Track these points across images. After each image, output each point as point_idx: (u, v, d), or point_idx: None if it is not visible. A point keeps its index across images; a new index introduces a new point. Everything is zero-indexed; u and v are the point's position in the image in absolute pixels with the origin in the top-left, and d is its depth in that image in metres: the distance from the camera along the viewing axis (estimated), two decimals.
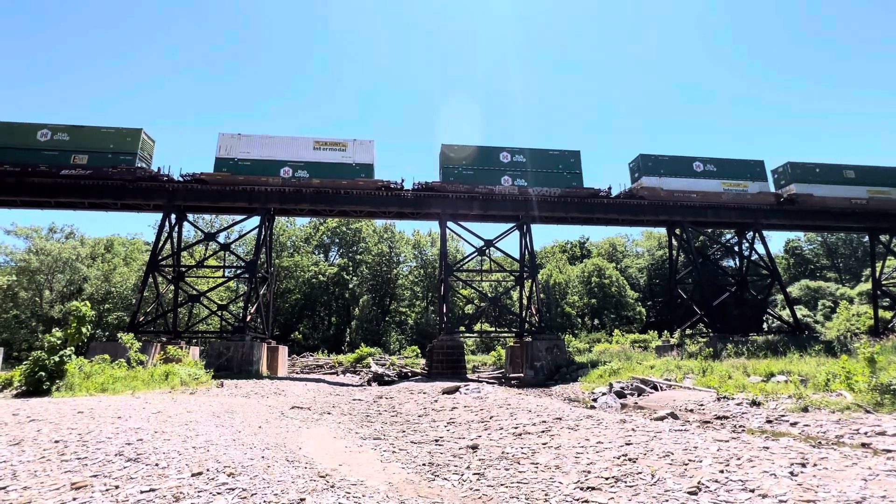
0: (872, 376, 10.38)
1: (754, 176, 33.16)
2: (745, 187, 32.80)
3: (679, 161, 33.16)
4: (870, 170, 35.16)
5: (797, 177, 33.68)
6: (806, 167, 34.20)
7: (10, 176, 27.26)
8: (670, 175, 32.34)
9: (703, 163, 33.05)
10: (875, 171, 35.20)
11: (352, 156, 29.77)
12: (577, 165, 31.72)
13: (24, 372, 12.88)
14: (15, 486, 4.48)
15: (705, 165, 32.87)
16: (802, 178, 33.66)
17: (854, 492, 4.51)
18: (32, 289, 41.77)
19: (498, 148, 31.68)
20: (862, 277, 53.44)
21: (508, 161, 31.26)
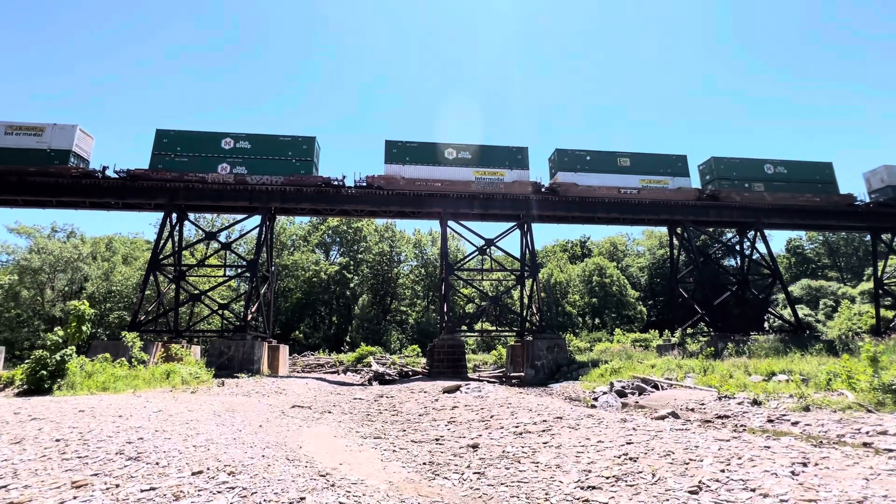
0: (874, 376, 10.35)
1: (515, 164, 30.87)
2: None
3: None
4: (644, 157, 32.53)
5: (563, 165, 31.29)
6: (575, 155, 31.66)
7: (11, 175, 27.30)
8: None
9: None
10: (649, 159, 32.61)
11: (48, 141, 27.83)
12: (308, 153, 29.85)
13: (26, 371, 12.92)
14: (16, 484, 4.49)
15: (458, 152, 30.86)
16: (570, 167, 31.21)
17: (855, 491, 4.49)
18: (34, 288, 41.85)
19: (220, 134, 29.73)
20: (864, 276, 53.30)
21: (230, 147, 29.45)
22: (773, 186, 32.92)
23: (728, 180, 32.73)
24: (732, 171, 33.10)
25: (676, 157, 32.86)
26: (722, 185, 32.49)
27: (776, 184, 33.02)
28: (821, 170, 34.14)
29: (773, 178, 33.22)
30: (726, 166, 33.16)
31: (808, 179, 33.57)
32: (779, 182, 33.11)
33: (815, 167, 34.21)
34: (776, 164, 33.60)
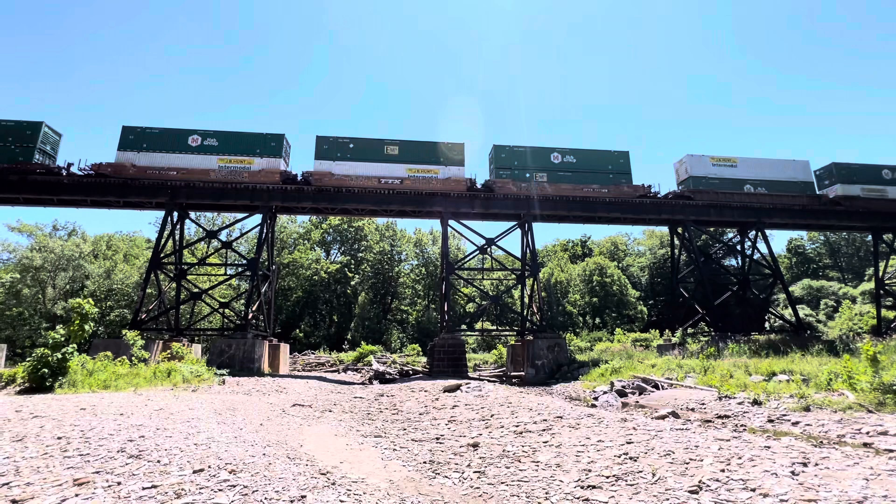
0: (875, 376, 10.34)
1: (267, 152, 29.12)
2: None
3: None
4: (414, 145, 30.44)
5: (322, 153, 29.64)
6: (337, 142, 29.88)
7: (13, 174, 27.34)
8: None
9: (203, 136, 29.21)
10: (419, 147, 30.47)
11: None
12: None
13: (28, 369, 12.95)
14: (18, 481, 4.50)
15: (204, 139, 29.04)
16: (329, 155, 29.63)
17: (855, 491, 4.49)
18: (35, 286, 41.94)
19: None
20: (865, 277, 53.26)
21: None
22: (556, 177, 30.83)
23: (508, 170, 30.65)
24: (514, 160, 30.88)
25: (451, 144, 30.52)
26: (501, 175, 30.48)
27: (561, 174, 30.91)
28: (614, 159, 31.83)
29: (560, 167, 31.13)
30: (507, 155, 31.00)
31: (598, 169, 31.35)
32: (564, 172, 30.99)
33: (608, 156, 31.95)
34: (565, 152, 31.46)
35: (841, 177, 33.35)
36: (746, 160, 33.29)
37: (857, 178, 33.48)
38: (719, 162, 32.83)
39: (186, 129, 29.42)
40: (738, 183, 32.45)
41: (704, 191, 31.98)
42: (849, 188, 33.10)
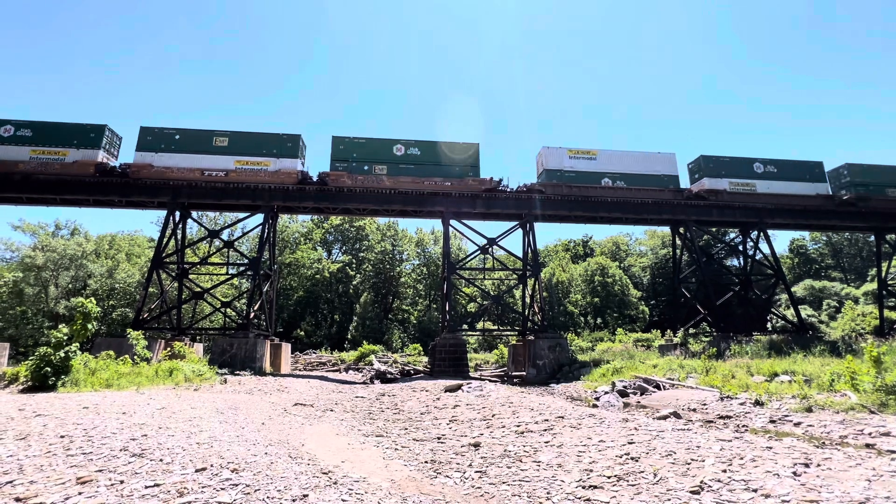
0: (878, 377, 10.32)
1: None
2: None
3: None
4: (245, 137, 29.65)
5: (145, 145, 28.82)
6: (162, 133, 29.04)
7: (16, 173, 27.44)
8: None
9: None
10: (250, 138, 29.64)
11: None
12: None
13: (30, 367, 12.99)
14: (21, 480, 4.52)
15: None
16: (152, 147, 28.75)
17: (858, 492, 4.49)
18: (38, 285, 42.05)
19: None
20: (868, 277, 53.10)
21: None
22: (397, 169, 30.09)
23: (346, 162, 29.99)
24: (353, 151, 30.25)
25: (285, 136, 29.82)
26: (337, 168, 29.74)
27: (403, 167, 30.10)
28: (462, 151, 30.94)
29: (402, 160, 30.24)
30: (346, 147, 30.36)
31: (444, 163, 30.50)
32: (407, 165, 30.19)
33: (457, 149, 31.03)
34: (409, 144, 30.69)
35: (708, 170, 32.24)
36: (608, 153, 32.13)
37: (725, 171, 32.38)
38: (577, 154, 31.63)
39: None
40: (595, 176, 31.15)
41: (557, 184, 30.57)
42: (716, 182, 31.93)
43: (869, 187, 32.89)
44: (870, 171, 33.76)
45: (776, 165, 32.99)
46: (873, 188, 32.90)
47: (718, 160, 32.87)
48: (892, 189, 33.08)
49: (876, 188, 32.94)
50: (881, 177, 33.60)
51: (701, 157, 32.99)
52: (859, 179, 33.22)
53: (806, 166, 33.44)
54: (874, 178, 33.40)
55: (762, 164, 32.83)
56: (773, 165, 32.93)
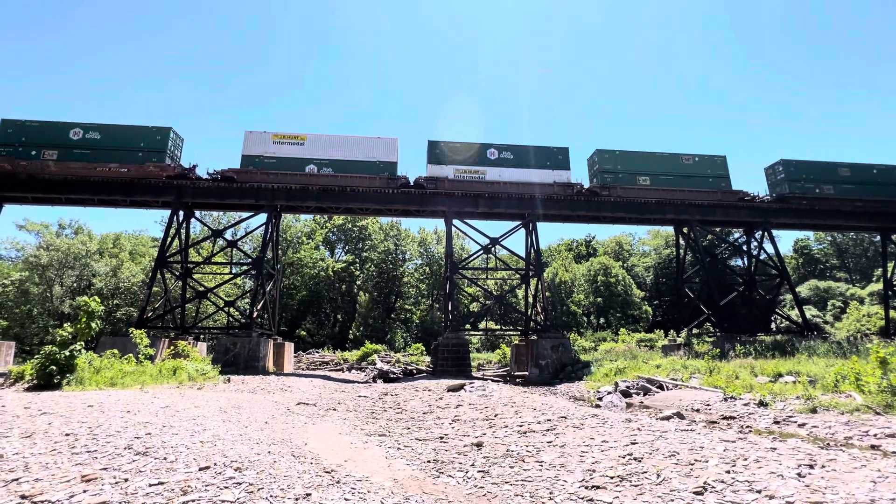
0: (883, 378, 10.25)
1: None
2: None
3: None
4: None
5: None
6: None
7: (22, 172, 27.62)
8: None
9: None
10: None
11: None
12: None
13: (36, 366, 13.07)
14: (27, 477, 4.55)
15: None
16: None
17: (863, 494, 4.46)
18: (43, 284, 42.34)
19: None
20: (873, 278, 52.77)
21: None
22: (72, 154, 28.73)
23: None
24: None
25: None
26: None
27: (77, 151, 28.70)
28: (151, 136, 29.38)
29: (77, 144, 28.85)
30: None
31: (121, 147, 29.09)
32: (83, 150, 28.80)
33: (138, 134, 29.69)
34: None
35: (433, 157, 30.89)
36: (320, 138, 30.45)
37: (453, 157, 30.84)
38: (283, 139, 30.06)
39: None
40: (301, 162, 29.64)
41: (252, 171, 29.15)
42: (440, 169, 30.40)
43: (617, 175, 31.47)
44: (621, 157, 32.16)
45: (513, 152, 31.46)
46: (622, 176, 31.50)
47: (445, 145, 31.23)
48: (643, 177, 31.56)
49: (626, 176, 31.56)
50: (632, 164, 32.00)
51: (429, 143, 31.20)
52: (608, 167, 31.66)
53: (548, 153, 31.67)
54: (625, 165, 31.88)
55: (497, 150, 31.37)
56: (510, 151, 31.42)
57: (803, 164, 33.62)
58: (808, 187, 32.72)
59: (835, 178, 33.36)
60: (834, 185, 33.10)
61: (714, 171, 32.35)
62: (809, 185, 32.84)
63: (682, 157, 32.55)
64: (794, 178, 32.96)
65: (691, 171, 32.29)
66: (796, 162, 33.58)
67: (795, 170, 33.21)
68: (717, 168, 32.55)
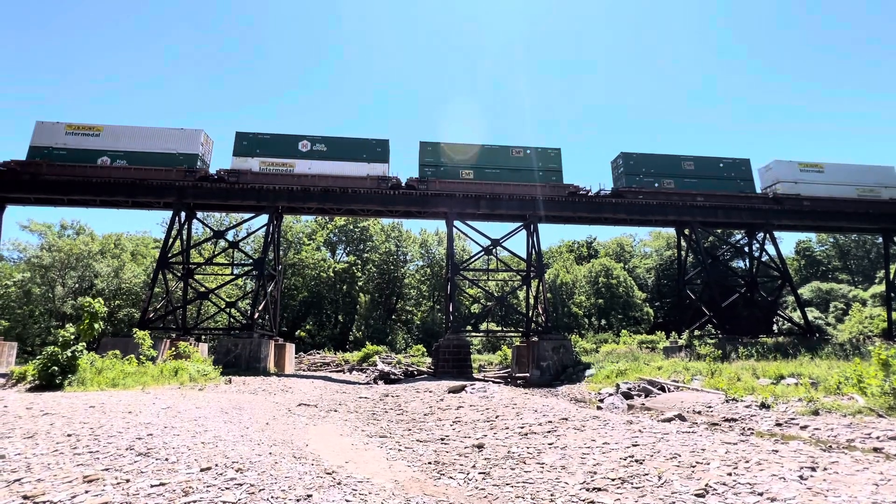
0: (885, 380, 10.22)
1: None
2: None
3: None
4: None
5: None
6: None
7: (25, 173, 27.74)
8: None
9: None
10: None
11: None
12: None
13: (38, 366, 13.10)
14: (29, 478, 4.57)
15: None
16: None
17: (865, 496, 4.44)
18: (45, 285, 42.45)
19: None
20: (875, 279, 52.61)
21: None
22: None
23: None
24: None
25: None
26: None
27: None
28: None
29: None
30: None
31: None
32: None
33: None
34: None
35: (241, 148, 29.93)
36: (118, 128, 29.49)
37: (262, 149, 30.03)
38: (77, 130, 29.08)
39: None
40: (94, 154, 28.63)
41: (50, 163, 28.22)
42: (244, 161, 29.61)
43: (441, 168, 30.81)
44: (448, 149, 31.41)
45: (327, 143, 30.55)
46: (445, 169, 30.79)
47: (259, 137, 30.42)
48: (466, 170, 30.88)
49: (448, 169, 30.82)
50: (456, 156, 31.20)
51: (237, 134, 30.40)
52: (431, 160, 31.01)
53: (366, 145, 30.87)
54: (450, 158, 31.17)
55: (310, 142, 30.47)
56: (324, 143, 30.51)
57: (643, 158, 32.74)
58: (647, 181, 31.96)
59: (677, 172, 32.56)
60: (675, 178, 32.32)
61: (546, 165, 31.45)
62: (649, 179, 32.02)
63: (513, 150, 31.76)
64: (633, 171, 32.16)
65: (521, 164, 31.33)
66: (636, 155, 32.76)
67: (635, 163, 32.38)
68: (550, 161, 31.61)
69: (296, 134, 30.73)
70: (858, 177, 34.07)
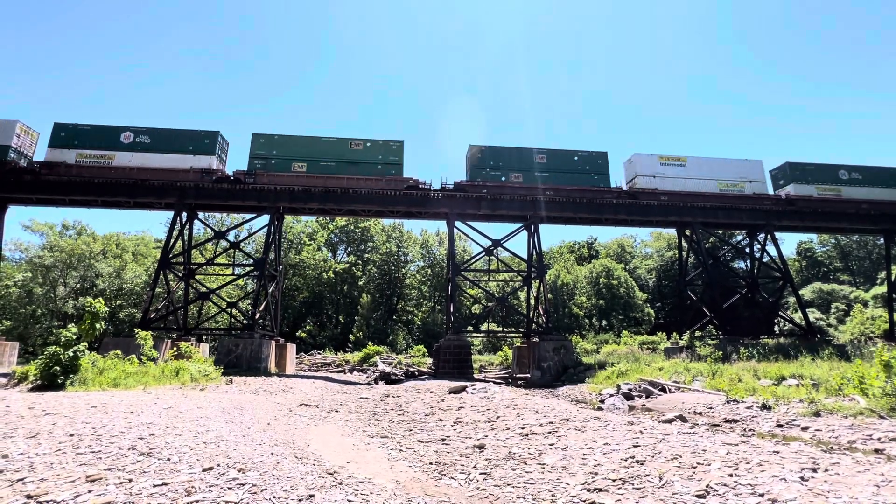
0: (887, 381, 10.21)
1: None
2: None
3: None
4: None
5: None
6: None
7: (27, 174, 27.82)
8: None
9: None
10: None
11: None
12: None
13: (40, 366, 13.13)
14: (32, 478, 4.58)
15: None
16: None
17: (866, 498, 4.45)
18: (47, 285, 42.54)
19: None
20: (877, 280, 52.52)
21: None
22: None
23: None
24: None
25: None
26: None
27: None
28: None
29: None
30: None
31: None
32: None
33: None
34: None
35: (58, 140, 29.08)
36: None
37: (80, 141, 29.06)
38: None
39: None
40: None
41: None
42: (61, 153, 28.71)
43: (270, 161, 29.99)
44: (282, 141, 30.61)
45: (151, 135, 29.75)
46: (276, 161, 29.99)
47: (77, 128, 29.60)
48: (299, 163, 30.03)
49: (280, 162, 30.02)
50: (290, 149, 30.37)
51: (54, 124, 29.53)
52: (262, 152, 30.29)
53: (194, 137, 30.01)
54: (281, 150, 30.28)
55: (133, 133, 29.69)
56: (148, 136, 29.72)
57: (492, 151, 31.83)
58: (493, 175, 31.06)
59: (528, 166, 31.48)
60: (525, 172, 31.22)
61: (386, 157, 30.65)
62: (495, 173, 31.12)
63: (352, 143, 30.90)
64: (480, 165, 31.26)
65: (359, 157, 30.45)
66: (486, 148, 31.85)
67: (482, 156, 31.51)
68: (391, 154, 30.81)
69: (118, 125, 29.98)
70: (722, 171, 32.82)
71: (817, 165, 34.00)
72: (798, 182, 32.94)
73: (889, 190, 33.75)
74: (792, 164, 33.65)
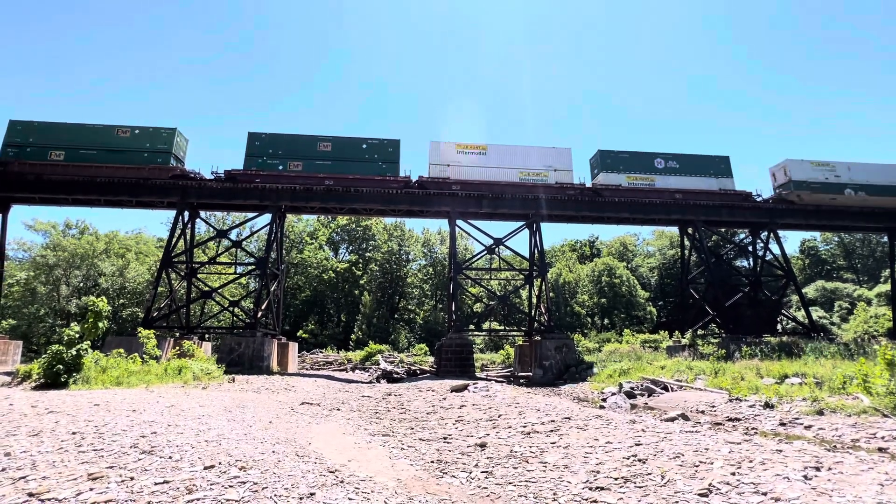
0: (891, 380, 10.16)
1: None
2: None
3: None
4: None
5: None
6: None
7: (29, 174, 27.90)
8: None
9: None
10: None
11: None
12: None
13: (43, 365, 13.19)
14: (34, 475, 4.60)
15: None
16: None
17: (870, 496, 4.42)
18: (50, 284, 42.70)
19: None
20: (881, 278, 52.28)
21: None
22: None
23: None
24: None
25: None
26: None
27: None
28: None
29: None
30: None
31: None
32: None
33: None
34: None
35: None
36: None
37: None
38: None
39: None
40: None
41: None
42: None
43: (27, 149, 28.18)
44: (40, 128, 28.76)
45: None
46: (30, 150, 28.21)
47: None
48: (56, 152, 28.18)
49: (36, 150, 28.23)
50: (47, 136, 28.71)
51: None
52: (18, 140, 28.38)
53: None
54: (38, 138, 28.55)
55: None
56: None
57: (272, 138, 30.57)
58: (270, 163, 29.83)
59: (310, 154, 30.42)
60: (306, 160, 30.21)
61: (154, 146, 29.15)
62: (273, 162, 29.94)
63: (118, 130, 29.12)
64: (257, 153, 30.02)
65: (125, 145, 28.91)
66: (265, 135, 30.51)
67: (261, 144, 30.24)
68: (160, 142, 29.25)
69: None
70: (525, 160, 31.69)
71: (632, 153, 32.38)
72: (608, 171, 31.42)
73: (701, 179, 32.12)
74: (603, 152, 32.22)
